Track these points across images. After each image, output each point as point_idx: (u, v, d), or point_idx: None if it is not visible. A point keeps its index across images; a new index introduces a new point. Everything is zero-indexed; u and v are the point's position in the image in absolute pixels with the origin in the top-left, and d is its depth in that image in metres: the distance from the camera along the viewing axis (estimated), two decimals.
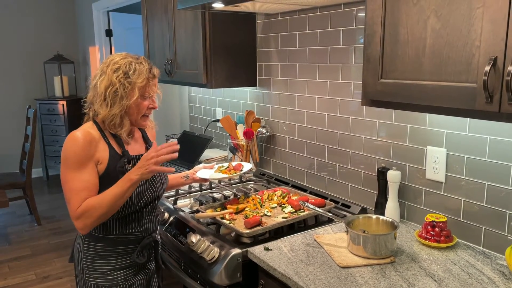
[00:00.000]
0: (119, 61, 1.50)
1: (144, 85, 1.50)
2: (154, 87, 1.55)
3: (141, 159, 1.47)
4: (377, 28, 1.37)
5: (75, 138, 1.46)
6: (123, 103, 1.48)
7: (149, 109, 1.56)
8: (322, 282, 1.33)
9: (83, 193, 1.44)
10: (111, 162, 1.50)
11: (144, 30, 2.99)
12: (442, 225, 1.56)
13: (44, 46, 5.78)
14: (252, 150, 2.54)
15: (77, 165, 1.45)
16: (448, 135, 1.61)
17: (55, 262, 3.60)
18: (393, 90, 1.35)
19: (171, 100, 3.76)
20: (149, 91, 1.52)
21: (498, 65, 1.07)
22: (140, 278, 1.64)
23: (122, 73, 1.47)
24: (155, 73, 1.55)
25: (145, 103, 1.53)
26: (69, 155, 1.46)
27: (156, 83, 1.57)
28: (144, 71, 1.50)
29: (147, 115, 1.58)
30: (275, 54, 2.41)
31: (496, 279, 1.33)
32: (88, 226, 1.46)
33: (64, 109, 5.51)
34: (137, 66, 1.49)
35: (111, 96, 1.47)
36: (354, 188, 2.02)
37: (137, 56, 1.55)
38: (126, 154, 1.55)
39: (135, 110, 1.52)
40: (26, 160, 4.28)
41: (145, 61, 1.54)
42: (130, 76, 1.47)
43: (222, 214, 1.77)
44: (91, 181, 1.46)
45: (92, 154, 1.47)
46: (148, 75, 1.51)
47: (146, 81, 1.50)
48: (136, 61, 1.51)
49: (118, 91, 1.47)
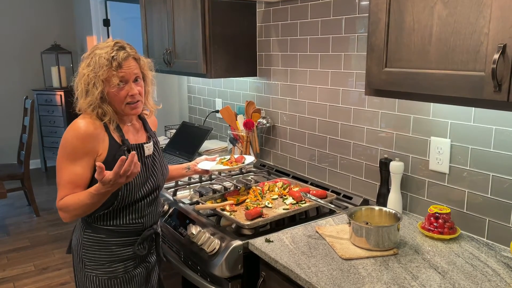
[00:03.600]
0: (89, 53, 1.48)
1: (107, 77, 1.44)
2: (123, 74, 1.45)
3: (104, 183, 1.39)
4: (382, 15, 1.33)
5: (77, 127, 1.44)
6: (94, 96, 1.45)
7: (131, 96, 1.48)
8: (324, 274, 1.32)
9: (70, 185, 1.44)
10: (110, 152, 1.48)
11: (142, 19, 2.95)
12: (446, 217, 1.54)
13: (41, 36, 5.72)
14: (252, 141, 2.51)
15: (72, 156, 1.44)
16: (453, 126, 1.58)
17: (54, 254, 3.59)
18: (398, 79, 1.32)
19: (170, 91, 3.73)
20: (114, 81, 1.44)
21: (507, 52, 1.04)
22: (140, 271, 1.62)
23: (85, 65, 1.46)
24: (119, 61, 1.44)
25: (121, 92, 1.46)
26: (67, 144, 1.45)
27: (126, 69, 1.46)
28: (104, 62, 1.42)
29: (131, 102, 1.49)
30: (276, 43, 2.37)
31: (501, 271, 1.31)
32: (68, 219, 1.47)
33: (62, 100, 5.47)
34: (97, 58, 1.43)
35: (80, 89, 1.47)
36: (356, 180, 2.00)
37: (111, 44, 1.47)
38: (126, 142, 1.52)
39: (112, 100, 1.47)
40: (24, 151, 4.26)
41: (111, 48, 1.45)
42: (93, 69, 1.44)
43: (222, 205, 1.75)
44: (82, 175, 1.45)
45: (92, 147, 1.45)
46: (110, 65, 1.43)
47: (106, 72, 1.43)
48: (100, 51, 1.45)
49: (85, 83, 1.45)
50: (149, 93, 1.62)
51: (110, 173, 1.33)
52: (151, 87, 1.62)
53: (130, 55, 1.48)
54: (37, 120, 5.56)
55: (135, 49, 1.54)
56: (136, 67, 1.50)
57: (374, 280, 1.28)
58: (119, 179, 1.34)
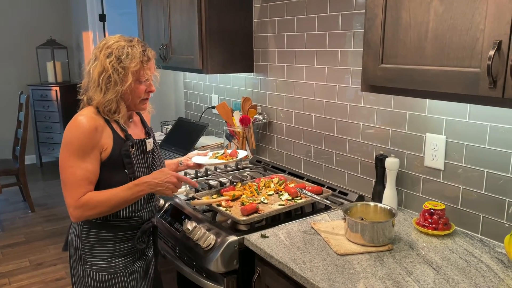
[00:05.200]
0: (112, 45, 1.46)
1: (137, 69, 1.46)
2: (149, 71, 1.51)
3: (162, 174, 1.51)
4: (378, 11, 1.33)
5: (80, 123, 1.43)
6: (117, 89, 1.44)
7: (147, 92, 1.53)
8: (319, 269, 1.32)
9: (84, 182, 1.42)
10: (115, 147, 1.48)
11: (139, 14, 2.94)
12: (440, 213, 1.55)
13: (37, 31, 5.68)
14: (249, 137, 2.51)
15: (81, 153, 1.42)
16: (448, 122, 1.59)
17: (49, 249, 3.58)
18: (394, 76, 1.33)
19: (166, 86, 3.71)
20: (144, 75, 1.48)
21: (502, 49, 1.04)
22: (139, 266, 1.62)
23: (114, 58, 1.44)
24: (149, 56, 1.50)
25: (141, 87, 1.50)
26: (73, 141, 1.42)
27: (152, 65, 1.52)
28: (137, 55, 1.45)
29: (146, 98, 1.55)
30: (272, 39, 2.37)
31: (495, 266, 1.32)
32: (85, 217, 1.46)
33: (57, 95, 5.44)
34: (130, 50, 1.45)
35: (105, 82, 1.44)
36: (351, 176, 2.00)
37: (130, 39, 1.50)
38: (130, 138, 1.53)
39: (131, 95, 1.49)
40: (19, 147, 4.24)
41: (138, 43, 1.49)
42: (123, 61, 1.43)
43: (218, 201, 1.75)
44: (92, 170, 1.44)
45: (97, 141, 1.44)
46: (142, 59, 1.47)
47: (140, 65, 1.46)
48: (129, 44, 1.47)
49: (112, 76, 1.43)
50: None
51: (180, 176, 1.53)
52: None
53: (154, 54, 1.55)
54: (32, 116, 5.53)
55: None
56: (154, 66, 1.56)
57: (368, 276, 1.28)
58: (172, 186, 1.51)
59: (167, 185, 1.49)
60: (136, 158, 1.54)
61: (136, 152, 1.54)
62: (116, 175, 1.48)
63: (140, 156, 1.56)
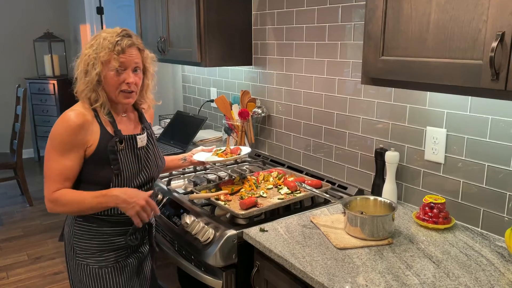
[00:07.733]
0: (96, 37, 1.49)
1: (108, 59, 1.44)
2: (124, 60, 1.45)
3: (134, 193, 1.46)
4: (379, 2, 1.32)
5: (67, 120, 1.43)
6: (89, 79, 1.45)
7: (126, 84, 1.47)
8: (319, 263, 1.31)
9: (59, 178, 1.44)
10: (101, 143, 1.47)
11: (136, 7, 2.91)
12: (441, 207, 1.54)
13: (34, 24, 5.63)
14: (247, 131, 2.49)
15: (62, 149, 1.43)
16: (449, 115, 1.58)
17: (48, 243, 3.57)
18: (395, 68, 1.31)
19: (164, 80, 3.69)
20: (113, 64, 1.44)
21: (505, 41, 1.03)
22: (132, 261, 1.61)
23: (89, 46, 1.48)
24: (123, 46, 1.45)
25: (111, 75, 1.45)
26: (56, 136, 1.44)
27: (128, 56, 1.46)
28: (109, 45, 1.44)
29: (125, 91, 1.48)
30: (271, 32, 2.35)
31: (495, 260, 1.32)
32: (57, 211, 1.48)
33: (55, 89, 5.40)
34: (101, 40, 1.45)
35: (80, 69, 1.48)
36: (351, 170, 1.99)
37: (118, 30, 1.48)
38: (118, 133, 1.50)
39: (105, 84, 1.47)
40: (17, 140, 4.21)
41: (118, 34, 1.46)
42: (95, 50, 1.45)
43: (217, 195, 1.74)
44: (70, 168, 1.45)
45: (81, 140, 1.44)
46: (114, 48, 1.43)
47: (107, 54, 1.43)
48: (110, 35, 1.46)
49: (85, 63, 1.46)
50: (148, 87, 1.61)
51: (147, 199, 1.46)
52: (151, 81, 1.61)
53: (135, 44, 1.50)
54: (30, 109, 5.50)
55: (141, 41, 1.55)
56: (138, 57, 1.50)
57: (368, 270, 1.27)
58: (137, 208, 1.44)
59: (133, 205, 1.44)
60: (124, 154, 1.51)
61: (125, 148, 1.52)
62: (101, 171, 1.48)
63: (129, 152, 1.53)
